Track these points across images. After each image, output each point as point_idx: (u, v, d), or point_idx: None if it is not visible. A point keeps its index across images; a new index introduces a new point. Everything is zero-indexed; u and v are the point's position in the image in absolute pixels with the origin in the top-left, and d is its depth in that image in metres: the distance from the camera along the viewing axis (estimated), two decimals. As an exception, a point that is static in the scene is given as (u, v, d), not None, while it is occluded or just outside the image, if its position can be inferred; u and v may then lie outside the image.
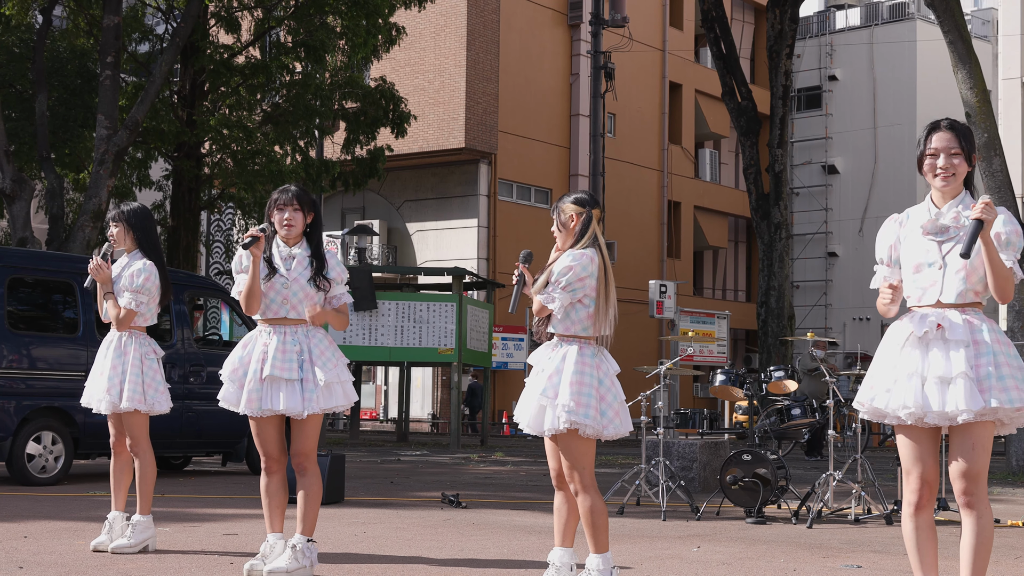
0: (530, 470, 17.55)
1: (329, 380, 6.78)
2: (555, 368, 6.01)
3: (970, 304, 5.10)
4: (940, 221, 5.16)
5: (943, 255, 5.12)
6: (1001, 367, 5.00)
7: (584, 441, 6.01)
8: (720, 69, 32.09)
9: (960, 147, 5.16)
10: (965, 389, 4.96)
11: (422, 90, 36.52)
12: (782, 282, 31.04)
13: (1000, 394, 4.96)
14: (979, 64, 18.36)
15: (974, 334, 5.05)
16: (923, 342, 5.08)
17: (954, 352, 5.01)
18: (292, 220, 6.90)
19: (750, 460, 10.90)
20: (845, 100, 50.03)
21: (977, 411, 4.95)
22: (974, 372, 5.00)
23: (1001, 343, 5.05)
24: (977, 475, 5.03)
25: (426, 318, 23.31)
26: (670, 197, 44.55)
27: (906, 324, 5.17)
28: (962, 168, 5.18)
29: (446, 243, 37.70)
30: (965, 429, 5.04)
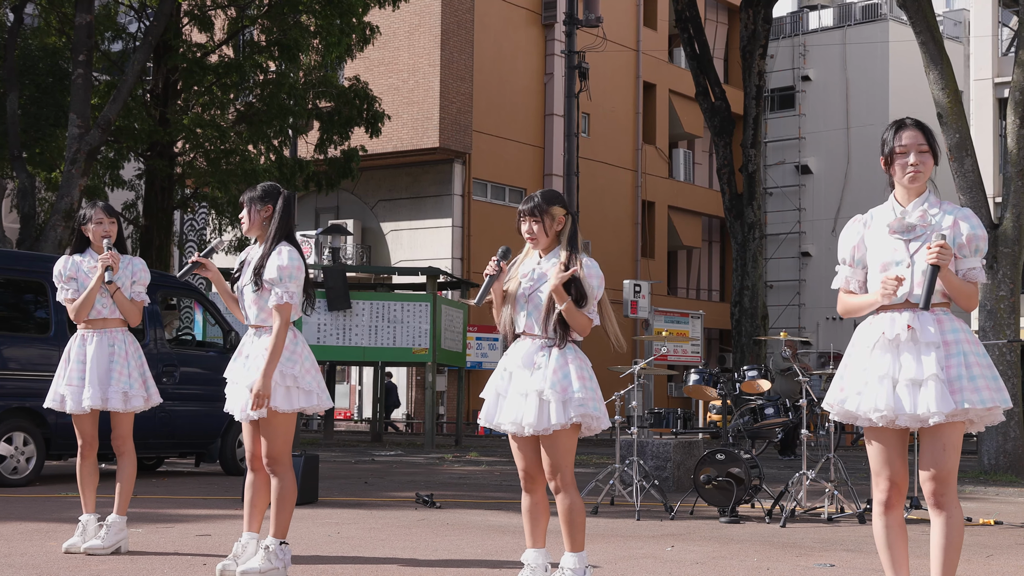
0: (504, 470, 17.55)
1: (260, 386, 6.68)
2: (557, 364, 6.00)
3: (939, 304, 5.11)
4: (906, 220, 5.17)
5: (911, 254, 5.12)
6: (972, 367, 5.02)
7: (573, 438, 6.03)
8: (694, 69, 32.15)
9: (928, 144, 5.19)
10: (936, 391, 4.97)
11: (396, 90, 36.47)
12: (755, 282, 31.12)
13: (971, 395, 4.98)
14: (951, 65, 18.44)
15: (944, 334, 5.06)
16: (894, 344, 5.09)
17: (925, 354, 5.02)
18: (242, 218, 6.95)
19: (724, 459, 10.92)
20: (818, 100, 50.21)
21: (948, 413, 4.97)
22: (945, 373, 5.01)
23: (971, 342, 5.06)
24: (947, 476, 5.05)
25: (400, 318, 23.27)
26: (644, 197, 44.61)
27: (876, 325, 5.17)
28: (929, 165, 5.20)
29: (420, 243, 37.66)
30: (935, 430, 5.05)
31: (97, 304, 7.78)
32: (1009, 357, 17.44)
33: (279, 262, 6.74)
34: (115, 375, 7.74)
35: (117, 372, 7.75)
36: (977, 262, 5.11)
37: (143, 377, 7.86)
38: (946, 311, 5.14)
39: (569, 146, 29.65)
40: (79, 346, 7.82)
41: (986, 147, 36.21)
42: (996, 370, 5.12)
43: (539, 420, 5.97)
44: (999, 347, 17.13)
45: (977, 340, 5.11)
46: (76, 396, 7.75)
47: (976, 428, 5.18)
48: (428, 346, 23.37)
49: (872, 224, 5.28)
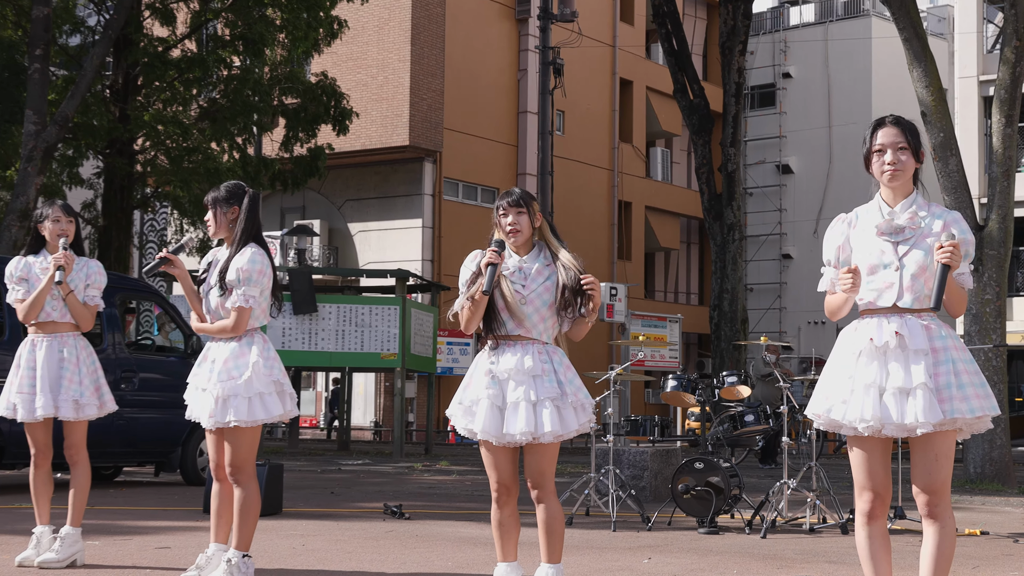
0: (476, 480, 17.52)
1: (228, 392, 6.65)
2: (561, 368, 6.01)
3: (927, 309, 5.10)
4: (896, 221, 5.15)
5: (899, 257, 5.11)
6: (960, 375, 5.02)
7: (558, 445, 6.06)
8: (672, 66, 32.20)
9: (907, 142, 5.17)
10: (924, 400, 4.96)
11: (365, 86, 36.41)
12: (735, 285, 31.18)
13: (960, 404, 4.97)
14: (935, 62, 18.51)
15: (933, 341, 5.06)
16: (881, 351, 5.08)
17: (914, 363, 5.01)
18: (208, 220, 6.92)
19: (702, 468, 10.92)
20: (799, 98, 50.38)
21: (936, 423, 4.96)
22: (933, 382, 5.00)
23: (959, 349, 5.06)
24: (941, 487, 5.05)
25: (368, 322, 23.23)
26: (620, 197, 44.66)
27: (862, 331, 5.16)
28: (910, 164, 5.18)
29: (389, 244, 37.60)
30: (926, 440, 5.04)
31: (47, 307, 7.69)
32: (995, 362, 17.52)
33: (239, 264, 6.73)
34: (65, 382, 7.67)
35: (68, 379, 7.67)
36: (965, 267, 5.11)
37: (96, 384, 7.78)
38: (934, 317, 5.13)
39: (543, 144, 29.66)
40: (29, 352, 7.74)
41: (971, 147, 36.39)
42: (984, 377, 5.12)
43: (560, 426, 5.96)
44: (985, 352, 17.20)
45: (965, 347, 5.11)
46: (28, 404, 7.68)
47: (963, 436, 5.18)
48: (397, 351, 23.34)
49: (857, 224, 5.26)
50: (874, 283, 5.15)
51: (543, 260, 6.16)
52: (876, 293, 5.15)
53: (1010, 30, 18.43)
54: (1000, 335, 17.74)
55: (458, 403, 6.16)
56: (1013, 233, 18.45)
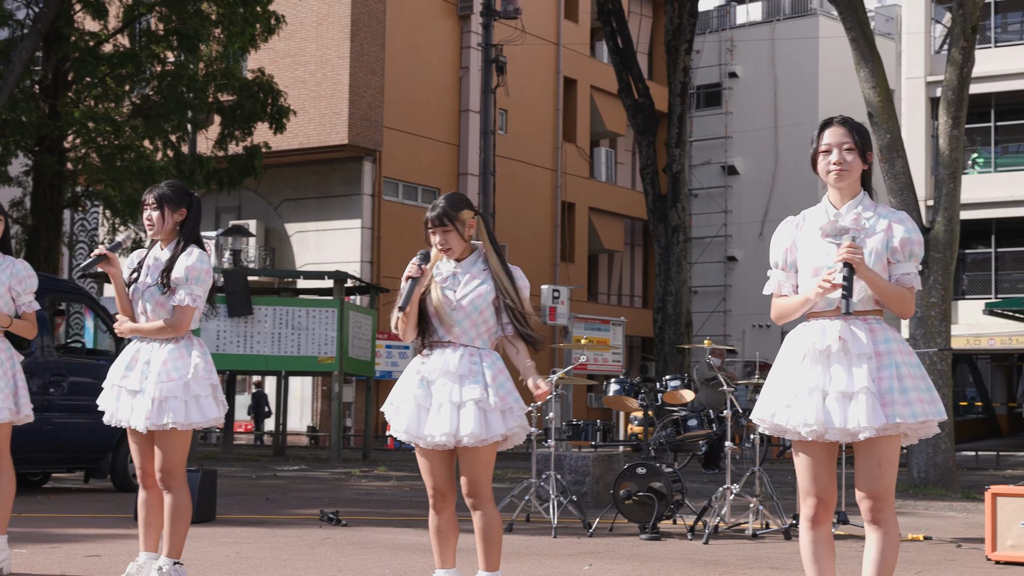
0: (414, 485, 17.52)
1: (167, 394, 6.65)
2: (493, 372, 6.01)
3: (871, 311, 5.15)
4: (839, 223, 5.18)
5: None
6: (904, 379, 5.06)
7: (494, 451, 6.08)
8: (616, 64, 32.32)
9: (853, 142, 5.21)
10: (867, 405, 5.00)
11: (303, 83, 36.30)
12: (679, 287, 31.34)
13: (903, 409, 5.02)
14: (882, 62, 18.70)
15: (877, 345, 5.10)
16: (824, 355, 5.12)
17: (856, 366, 5.05)
18: (151, 219, 6.88)
19: (645, 473, 10.98)
20: (746, 98, 50.69)
21: (879, 427, 5.01)
22: (876, 386, 5.04)
23: (904, 353, 5.10)
24: (884, 493, 5.09)
25: (305, 324, 23.16)
26: (564, 198, 44.77)
27: (806, 334, 5.21)
28: (856, 164, 5.22)
29: (327, 245, 37.49)
30: (870, 445, 5.09)
31: None
32: (940, 366, 17.72)
33: (188, 262, 6.78)
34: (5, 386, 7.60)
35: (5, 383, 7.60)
36: (911, 267, 5.14)
37: (12, 388, 7.67)
38: (879, 320, 5.16)
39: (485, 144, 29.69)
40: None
41: (918, 148, 36.79)
42: (930, 381, 5.16)
43: (483, 429, 5.95)
44: (930, 356, 17.39)
45: (911, 350, 5.14)
46: None
47: (909, 441, 5.23)
48: (335, 354, 23.29)
49: (804, 226, 5.29)
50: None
51: (480, 265, 6.17)
52: (822, 297, 5.20)
53: (957, 30, 18.65)
54: (945, 339, 17.93)
55: (390, 403, 6.19)
56: (959, 236, 18.67)
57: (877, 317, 5.17)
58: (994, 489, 9.45)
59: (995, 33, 39.37)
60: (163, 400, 6.66)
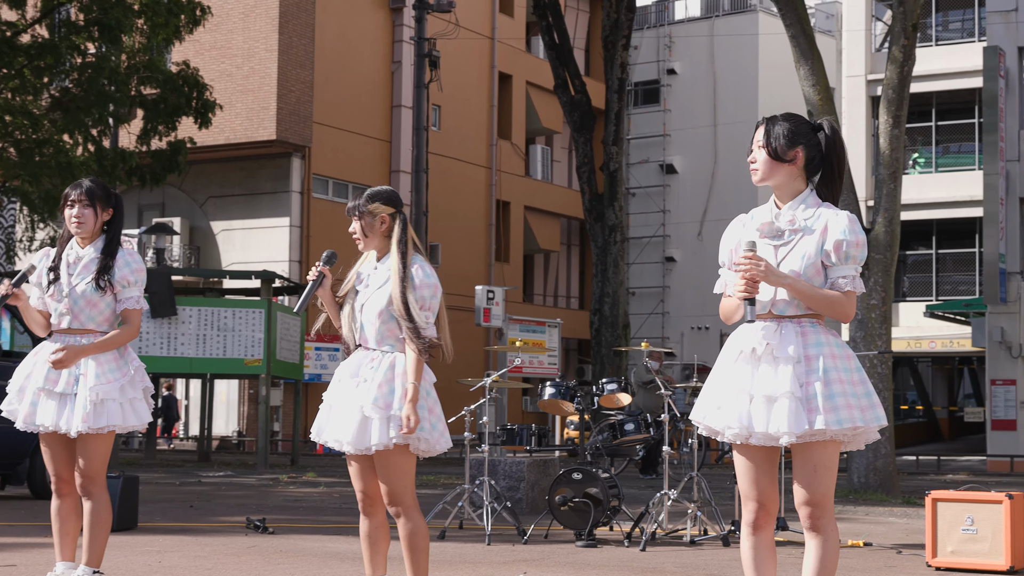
0: (344, 492, 17.47)
1: (104, 396, 6.61)
2: (384, 378, 5.98)
3: (806, 315, 5.15)
4: (776, 224, 5.20)
5: (778, 261, 5.16)
6: (832, 385, 5.05)
7: (409, 458, 6.02)
8: (553, 60, 32.39)
9: (766, 142, 5.20)
10: (789, 410, 5.01)
11: (229, 76, 36.09)
12: (617, 288, 31.45)
13: (828, 415, 5.01)
14: (822, 60, 18.87)
15: (807, 348, 5.09)
16: (754, 357, 5.14)
17: (783, 369, 5.06)
18: (81, 217, 6.78)
19: (581, 479, 11.00)
20: (684, 95, 50.94)
21: (800, 433, 5.01)
22: (803, 391, 5.05)
23: (837, 357, 5.09)
24: (821, 499, 5.09)
25: (231, 326, 23.03)
26: (498, 196, 44.79)
27: (741, 335, 5.23)
28: (767, 164, 5.21)
29: (254, 244, 37.30)
30: (806, 450, 5.09)
31: None
32: (880, 369, 17.89)
33: (134, 264, 6.80)
34: None
35: None
36: (848, 270, 5.10)
37: None
38: (814, 323, 5.14)
39: (418, 140, 29.65)
40: None
41: (858, 147, 37.12)
42: (870, 386, 5.15)
43: (359, 438, 5.95)
44: (870, 359, 17.55)
45: (849, 355, 5.13)
46: None
47: (853, 446, 5.24)
48: (262, 357, 23.18)
49: (750, 225, 5.29)
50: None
51: (384, 265, 6.17)
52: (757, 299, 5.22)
53: (898, 28, 18.84)
54: (886, 341, 18.11)
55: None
56: (900, 237, 18.85)
57: (813, 320, 5.14)
58: (934, 494, 9.54)
59: (936, 31, 39.82)
60: (100, 402, 6.61)
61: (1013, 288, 33.79)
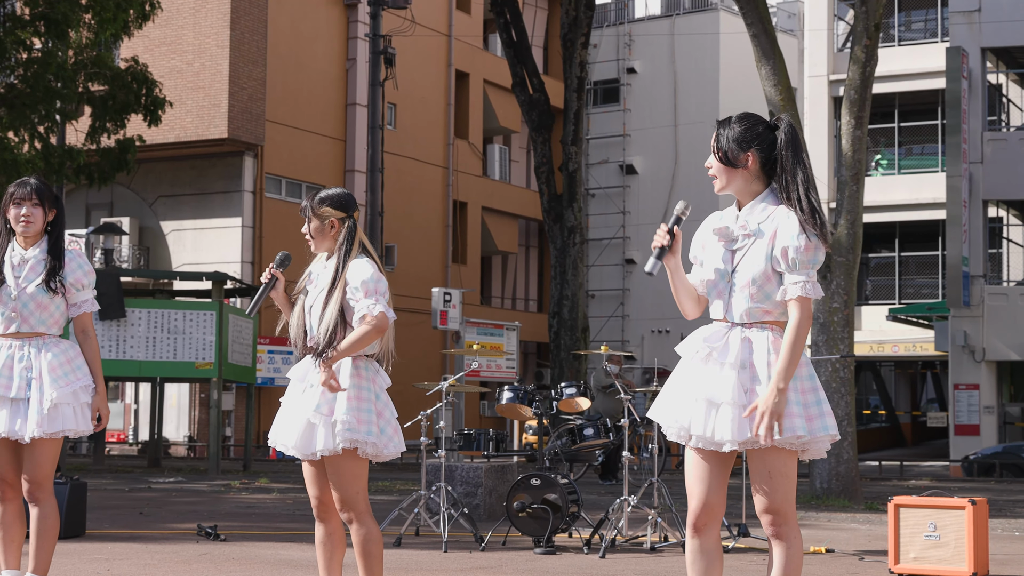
0: (298, 498, 17.43)
1: (58, 400, 6.58)
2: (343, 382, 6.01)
3: (762, 322, 5.16)
4: (730, 227, 5.23)
5: (734, 267, 5.20)
6: None
7: (359, 463, 6.02)
8: (510, 58, 32.42)
9: (717, 146, 5.25)
10: (731, 417, 5.05)
11: (180, 73, 35.95)
12: (576, 291, 31.50)
13: None
14: (783, 60, 18.96)
15: (754, 355, 5.14)
16: (703, 360, 5.19)
17: (727, 374, 5.09)
18: (30, 216, 6.73)
19: (539, 485, 11.03)
20: (644, 95, 51.06)
21: (742, 442, 5.05)
22: (747, 398, 5.08)
23: None
24: (781, 506, 5.12)
25: (182, 328, 22.94)
26: (456, 197, 44.79)
27: (695, 338, 5.29)
28: (719, 168, 5.26)
29: (205, 244, 37.16)
30: (761, 456, 5.12)
31: None
32: (843, 374, 17.99)
33: (86, 266, 6.79)
34: None
35: None
36: (799, 277, 5.07)
37: None
38: (764, 328, 5.16)
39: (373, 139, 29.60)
40: None
41: (820, 148, 37.32)
42: (821, 395, 5.15)
43: (305, 444, 6.00)
44: (832, 363, 17.65)
45: (803, 362, 5.14)
46: None
47: (808, 456, 5.26)
48: (213, 360, 23.10)
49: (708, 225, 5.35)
50: (712, 292, 5.27)
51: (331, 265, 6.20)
52: (713, 303, 5.26)
53: (860, 28, 18.95)
54: (848, 345, 18.22)
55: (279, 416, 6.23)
56: (862, 239, 18.97)
57: (764, 326, 5.16)
58: (897, 500, 9.62)
59: (899, 31, 40.10)
60: (55, 407, 6.58)
61: (976, 292, 34.06)
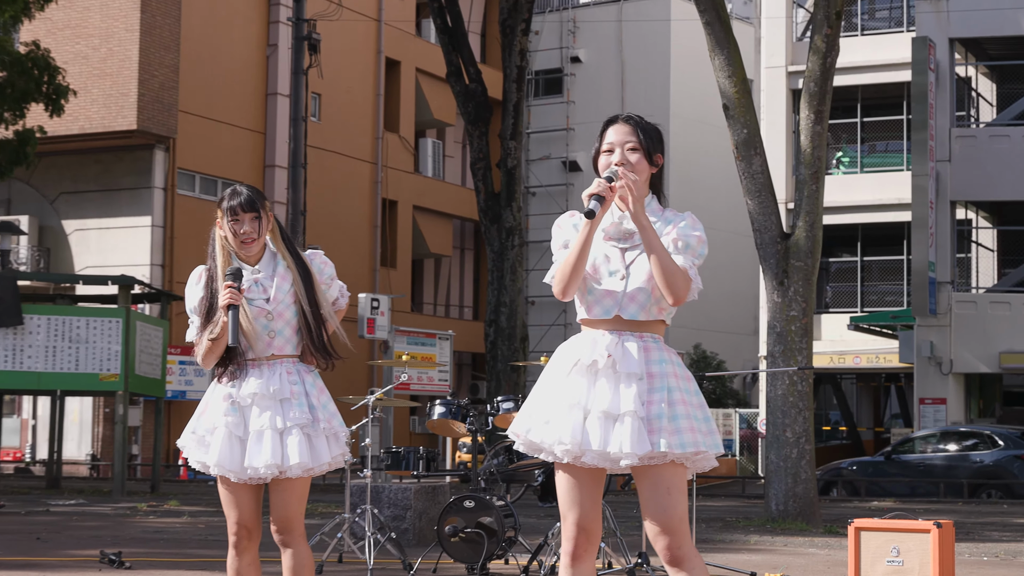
0: (210, 522, 17.34)
1: None
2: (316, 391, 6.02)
3: (653, 322, 5.25)
4: (624, 225, 5.32)
5: (626, 264, 5.27)
6: (676, 405, 5.16)
7: (308, 482, 6.05)
8: (445, 45, 32.40)
9: (638, 141, 5.34)
10: (632, 429, 5.08)
11: (85, 59, 35.70)
12: (514, 297, 31.52)
13: (671, 437, 5.11)
14: (739, 49, 19.06)
15: (650, 365, 5.20)
16: (592, 369, 5.21)
17: (624, 386, 5.14)
18: None
19: (473, 507, 11.01)
20: (590, 86, 51.19)
21: (642, 455, 5.08)
22: (645, 410, 5.13)
23: (679, 377, 5.21)
24: (679, 525, 5.16)
25: (85, 337, 22.77)
26: (385, 195, 44.73)
27: (576, 345, 5.30)
28: (642, 165, 5.33)
29: (112, 245, 36.91)
30: (656, 472, 5.16)
31: None
32: (800, 387, 18.08)
33: None
34: None
35: None
36: (686, 260, 5.22)
37: None
38: (656, 338, 5.27)
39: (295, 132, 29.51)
40: None
41: (778, 145, 37.53)
42: (708, 411, 5.28)
43: (310, 458, 6.00)
44: (789, 375, 17.74)
45: (688, 375, 5.27)
46: None
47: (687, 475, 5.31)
48: (119, 371, 22.94)
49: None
50: (596, 293, 5.29)
51: (282, 264, 6.17)
52: (596, 303, 5.29)
53: (821, 16, 19.08)
54: (807, 356, 18.31)
55: (191, 432, 6.12)
56: (822, 243, 19.06)
57: (655, 336, 5.27)
58: (858, 523, 9.66)
59: (862, 20, 40.40)
60: None
61: (943, 299, 34.33)
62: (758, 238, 18.65)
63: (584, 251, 5.24)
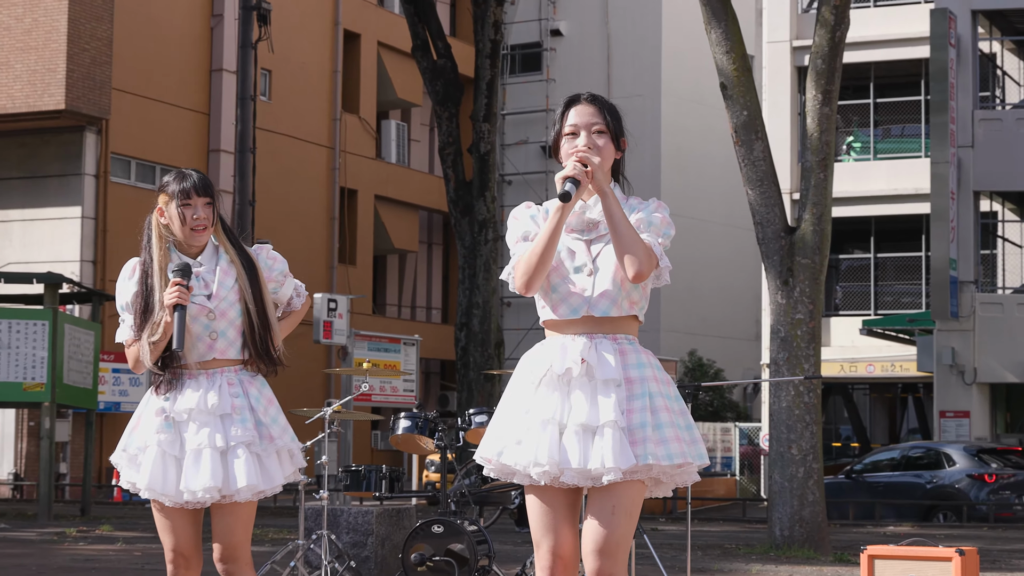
0: (147, 549, 17.32)
1: None
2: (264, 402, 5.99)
3: (626, 319, 5.26)
4: (587, 215, 5.35)
5: (593, 257, 5.29)
6: (659, 413, 5.17)
7: (255, 505, 6.04)
8: (410, 16, 32.38)
9: (605, 123, 5.39)
10: (614, 442, 5.09)
11: (7, 30, 35.62)
12: (488, 298, 31.51)
13: (656, 448, 5.12)
14: (738, 23, 19.07)
15: (627, 370, 5.20)
16: (564, 380, 5.21)
17: (602, 395, 5.14)
18: None
19: (442, 533, 11.01)
20: (572, 62, 51.18)
21: (627, 469, 5.08)
22: (626, 420, 5.13)
23: (659, 381, 5.22)
24: (615, 548, 5.16)
25: (7, 342, 22.74)
26: (343, 183, 44.70)
27: (543, 355, 5.30)
28: (608, 150, 5.37)
29: (37, 239, 36.84)
30: (606, 490, 5.16)
31: None
32: (807, 398, 18.09)
33: None
34: None
35: None
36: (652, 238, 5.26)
37: None
38: (631, 340, 5.28)
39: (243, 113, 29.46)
40: None
41: (782, 128, 37.53)
42: (690, 418, 5.30)
43: (260, 479, 5.97)
44: (794, 385, 17.75)
45: (668, 379, 5.28)
46: None
47: (663, 491, 5.32)
48: (45, 380, 22.89)
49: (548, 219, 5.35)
50: (561, 290, 5.30)
51: (224, 257, 6.16)
52: (563, 301, 5.30)
53: (829, -15, 19.11)
54: (814, 364, 18.32)
55: (122, 450, 6.09)
56: (831, 238, 19.06)
57: (629, 336, 5.28)
58: (871, 550, 9.68)
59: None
60: None
61: (966, 301, 34.34)
62: (760, 232, 18.66)
63: (554, 238, 5.22)
